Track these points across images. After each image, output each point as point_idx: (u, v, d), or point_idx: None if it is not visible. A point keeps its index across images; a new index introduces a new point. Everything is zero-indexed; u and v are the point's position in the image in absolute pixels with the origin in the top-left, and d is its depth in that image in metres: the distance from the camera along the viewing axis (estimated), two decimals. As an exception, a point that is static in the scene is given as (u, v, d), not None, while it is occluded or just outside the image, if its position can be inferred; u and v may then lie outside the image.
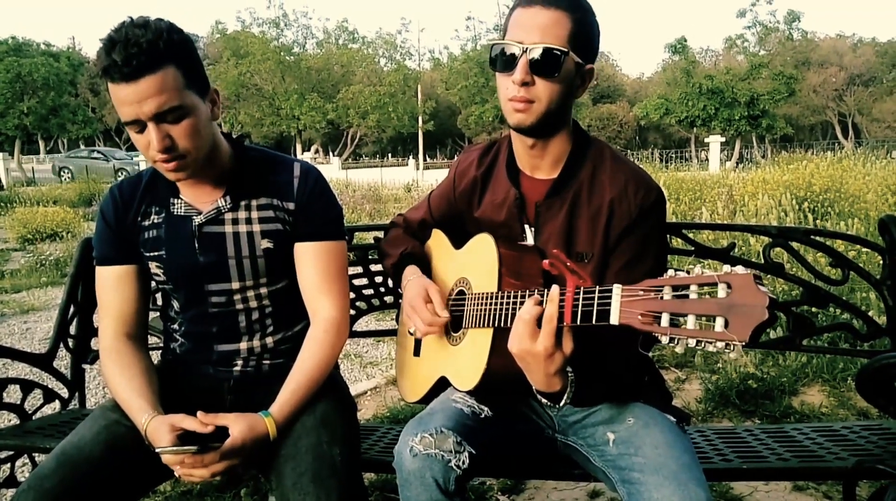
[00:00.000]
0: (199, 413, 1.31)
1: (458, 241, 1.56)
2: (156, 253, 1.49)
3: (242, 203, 1.49)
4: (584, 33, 1.32)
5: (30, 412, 2.01)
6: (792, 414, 2.97)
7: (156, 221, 1.50)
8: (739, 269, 0.88)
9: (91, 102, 48.34)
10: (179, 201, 1.49)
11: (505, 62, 1.32)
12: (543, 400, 1.25)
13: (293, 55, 36.19)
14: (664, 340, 0.94)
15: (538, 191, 1.44)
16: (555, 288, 1.13)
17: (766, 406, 3.05)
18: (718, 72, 33.58)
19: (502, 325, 1.28)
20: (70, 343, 2.18)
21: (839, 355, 3.37)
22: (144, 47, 1.23)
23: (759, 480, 2.27)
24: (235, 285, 1.49)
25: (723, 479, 2.08)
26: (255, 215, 1.49)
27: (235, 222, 1.48)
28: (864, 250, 3.10)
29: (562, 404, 1.23)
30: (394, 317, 2.26)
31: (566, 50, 1.28)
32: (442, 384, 1.49)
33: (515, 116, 1.34)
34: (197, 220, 1.47)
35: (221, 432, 1.30)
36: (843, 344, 3.24)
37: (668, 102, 33.77)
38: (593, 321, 1.07)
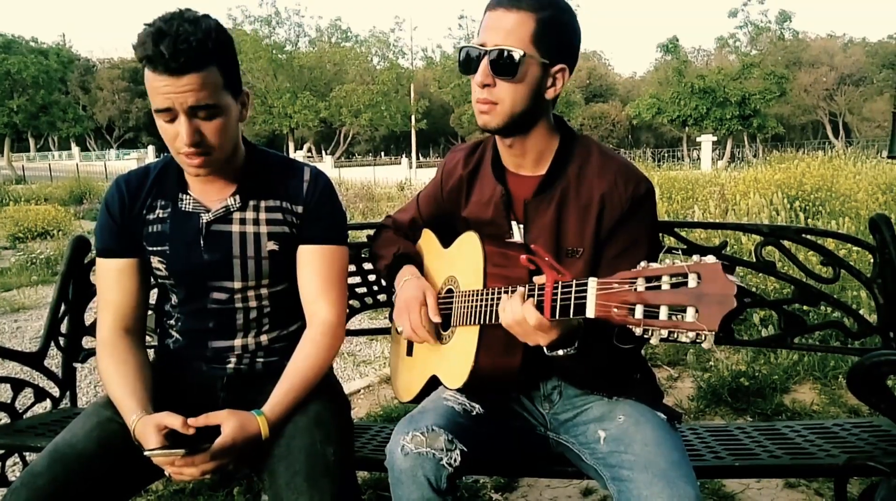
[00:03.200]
0: (189, 420, 1.30)
1: (447, 240, 1.56)
2: (159, 248, 1.48)
3: (251, 203, 1.49)
4: (551, 33, 1.31)
5: (20, 411, 2.00)
6: (783, 412, 2.99)
7: (161, 215, 1.49)
8: (709, 258, 0.89)
9: (82, 100, 48.09)
10: (188, 196, 1.48)
11: (469, 65, 1.34)
12: (560, 352, 1.20)
13: (285, 53, 36.08)
14: (638, 331, 0.94)
15: (525, 188, 1.45)
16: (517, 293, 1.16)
17: (757, 404, 3.06)
18: (710, 71, 33.73)
19: (488, 322, 1.28)
20: (61, 342, 2.16)
21: (830, 353, 3.39)
22: (194, 45, 1.25)
23: (751, 477, 2.28)
24: (238, 284, 1.49)
25: (715, 477, 2.09)
26: (262, 216, 1.49)
27: (243, 222, 1.48)
28: (856, 248, 3.12)
29: (574, 348, 1.20)
30: (387, 316, 2.26)
31: (523, 52, 1.29)
32: (433, 384, 1.49)
33: (480, 117, 1.37)
34: (205, 218, 1.47)
35: (211, 432, 1.29)
36: (835, 342, 3.25)
37: (660, 102, 33.90)
38: (571, 315, 1.07)
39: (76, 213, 12.80)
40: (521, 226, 1.44)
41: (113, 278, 1.50)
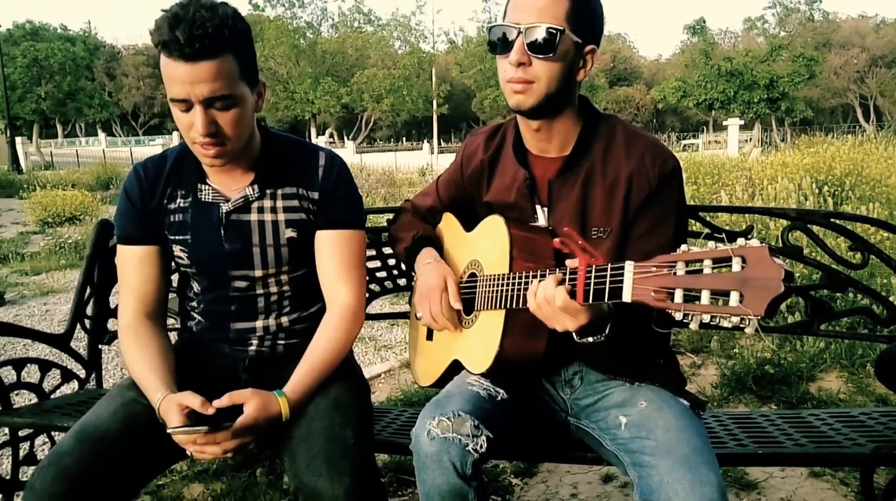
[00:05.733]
0: (214, 402, 1.31)
1: (469, 224, 1.55)
2: (181, 237, 1.50)
3: (269, 192, 1.49)
4: (584, 13, 1.30)
5: (48, 391, 2.04)
6: (809, 400, 2.95)
7: (182, 205, 1.50)
8: (754, 242, 0.86)
9: (108, 87, 48.61)
10: (207, 186, 1.49)
11: (502, 44, 1.31)
12: (590, 339, 1.20)
13: (307, 39, 36.10)
14: (678, 316, 0.92)
15: (549, 170, 1.43)
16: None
17: (783, 392, 3.02)
18: (738, 53, 33.15)
19: (514, 306, 1.27)
20: (87, 324, 2.20)
21: (858, 340, 3.32)
22: (210, 31, 1.23)
23: (774, 465, 2.25)
24: (258, 272, 1.50)
25: (738, 464, 2.07)
26: (280, 203, 1.50)
27: (261, 210, 1.49)
28: (886, 233, 3.05)
29: (604, 334, 1.18)
30: (407, 300, 2.26)
31: (562, 28, 1.27)
32: (455, 368, 1.49)
33: (514, 97, 1.33)
34: (224, 208, 1.48)
35: (233, 411, 1.30)
36: (863, 329, 3.20)
37: (686, 85, 33.41)
38: (606, 299, 1.06)
39: (103, 198, 12.98)
40: (546, 209, 1.43)
41: (134, 266, 1.51)
